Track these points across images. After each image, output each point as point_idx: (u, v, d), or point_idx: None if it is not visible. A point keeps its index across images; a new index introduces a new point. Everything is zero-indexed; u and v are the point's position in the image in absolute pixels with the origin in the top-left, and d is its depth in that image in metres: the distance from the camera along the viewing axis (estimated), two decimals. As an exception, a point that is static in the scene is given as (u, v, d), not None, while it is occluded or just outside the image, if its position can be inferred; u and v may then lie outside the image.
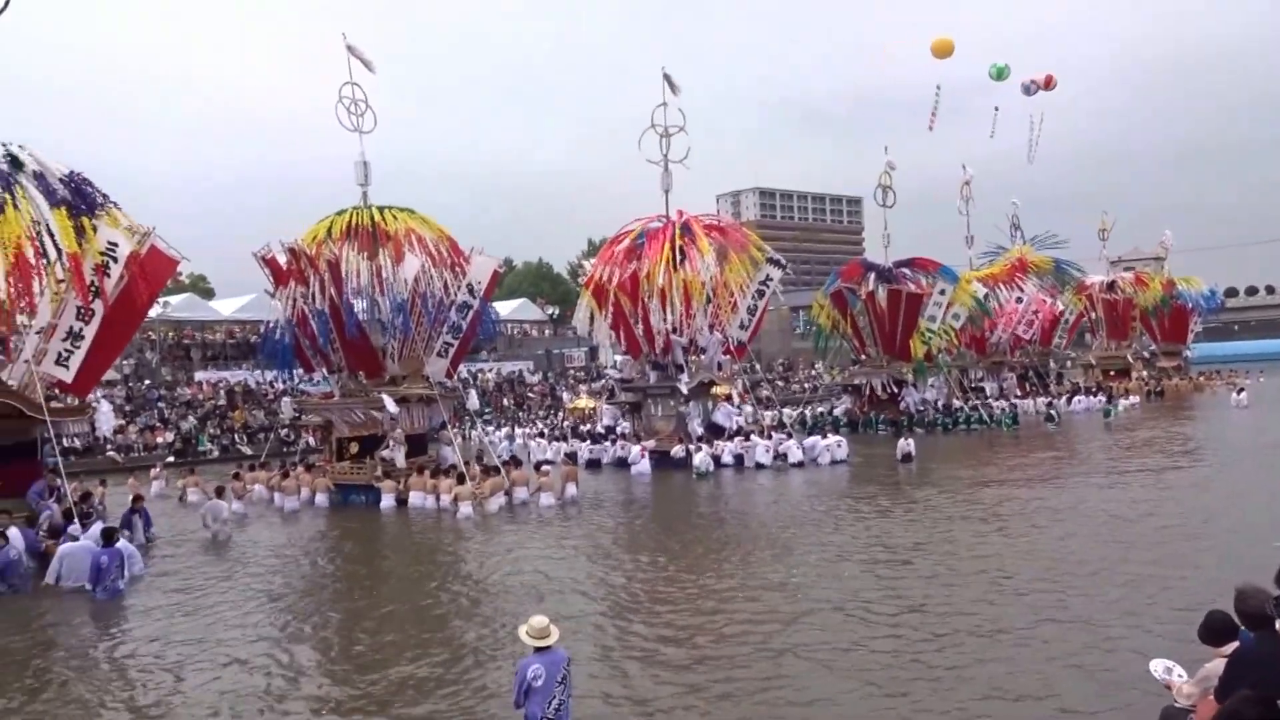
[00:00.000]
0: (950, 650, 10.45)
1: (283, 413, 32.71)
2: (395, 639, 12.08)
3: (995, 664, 9.99)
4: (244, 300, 57.34)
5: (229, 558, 18.29)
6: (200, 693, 10.26)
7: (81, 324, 18.88)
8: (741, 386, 40.92)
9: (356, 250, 25.27)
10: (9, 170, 18.01)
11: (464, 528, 20.87)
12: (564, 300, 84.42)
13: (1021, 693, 9.17)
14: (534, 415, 52.76)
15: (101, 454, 37.35)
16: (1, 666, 11.69)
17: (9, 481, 18.10)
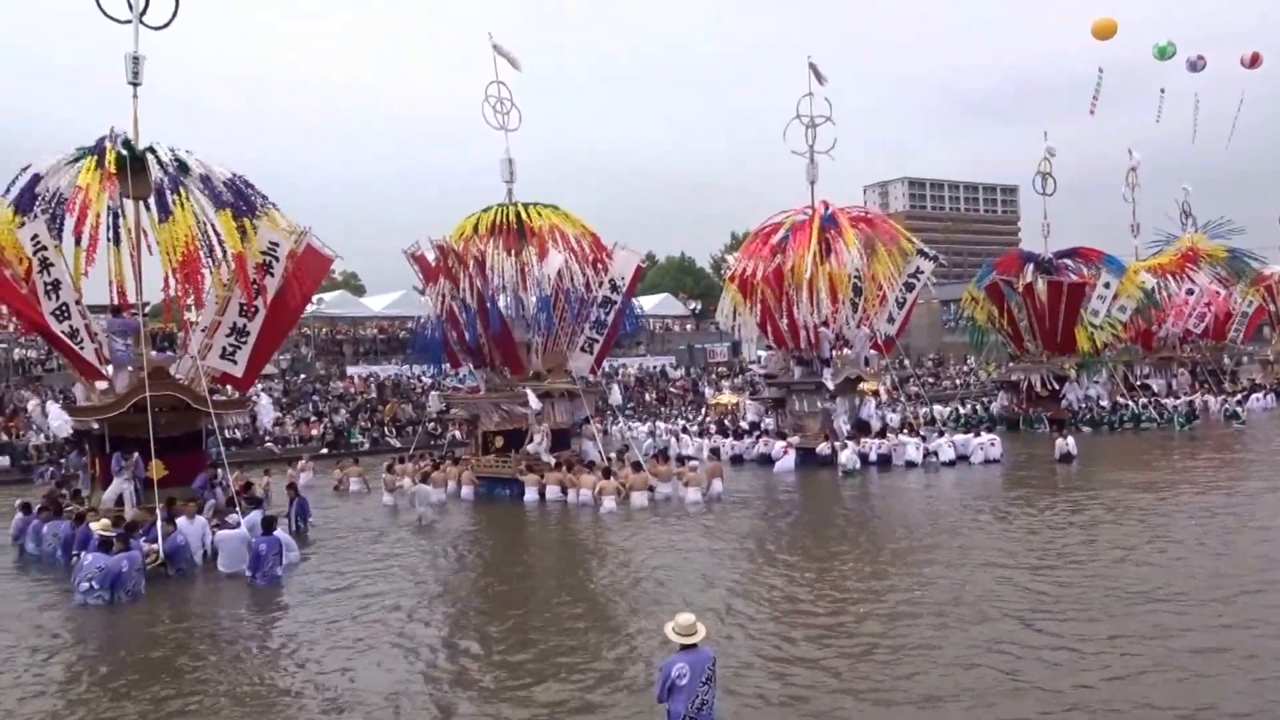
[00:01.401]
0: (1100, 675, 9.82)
1: (430, 407, 33.51)
2: (538, 631, 12.17)
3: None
4: (393, 296, 59.10)
5: (379, 549, 18.75)
6: (356, 678, 10.50)
7: (245, 320, 19.65)
8: (889, 382, 40.07)
9: (501, 247, 25.68)
10: (177, 174, 18.85)
11: (607, 523, 20.95)
12: (706, 295, 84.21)
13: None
14: (676, 411, 52.77)
15: (260, 445, 38.95)
16: (162, 652, 12.15)
17: (177, 471, 18.91)
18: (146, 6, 19.56)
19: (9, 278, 18.72)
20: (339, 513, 23.87)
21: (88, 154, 18.85)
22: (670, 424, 44.19)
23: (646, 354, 64.92)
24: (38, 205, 18.73)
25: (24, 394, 39.35)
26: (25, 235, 18.32)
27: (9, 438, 37.04)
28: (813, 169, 33.00)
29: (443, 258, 25.43)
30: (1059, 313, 39.76)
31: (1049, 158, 43.10)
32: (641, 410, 52.13)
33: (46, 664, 11.74)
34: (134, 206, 19.20)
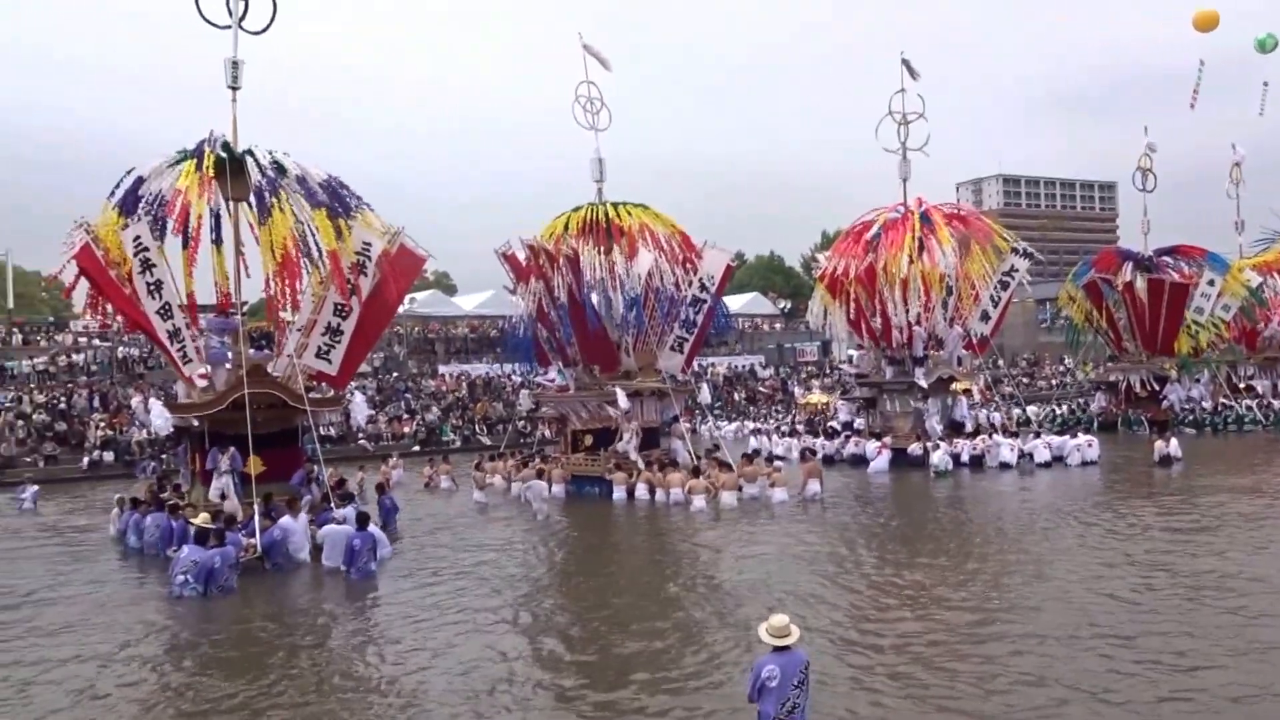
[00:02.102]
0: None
1: (521, 405, 33.74)
2: (626, 631, 12.07)
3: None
4: (484, 296, 59.73)
5: (467, 545, 18.83)
6: (440, 675, 10.50)
7: (340, 320, 19.91)
8: (983, 382, 39.27)
9: (591, 246, 25.68)
10: (275, 176, 19.16)
11: (697, 522, 20.79)
12: (796, 294, 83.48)
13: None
14: (765, 410, 52.41)
15: (353, 442, 39.62)
16: (253, 644, 12.34)
17: (274, 467, 19.21)
18: (246, 12, 19.93)
19: (114, 278, 19.26)
20: (429, 509, 24.11)
21: (188, 157, 19.28)
22: (759, 424, 43.96)
23: (740, 353, 64.61)
24: (141, 207, 19.19)
25: (128, 391, 40.64)
26: (127, 237, 18.81)
27: (114, 434, 38.27)
28: (905, 166, 32.57)
29: (534, 257, 25.53)
30: (1160, 312, 38.69)
31: (1149, 153, 41.87)
32: (730, 409, 51.90)
33: (142, 653, 11.96)
34: (234, 208, 19.61)
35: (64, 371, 44.66)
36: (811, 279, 40.39)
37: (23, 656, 11.81)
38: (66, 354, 46.46)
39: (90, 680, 10.72)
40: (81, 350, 47.18)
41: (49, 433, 38.19)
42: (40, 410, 39.51)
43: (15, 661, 11.59)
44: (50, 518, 25.35)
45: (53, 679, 10.81)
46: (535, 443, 33.98)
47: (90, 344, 48.25)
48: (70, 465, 36.50)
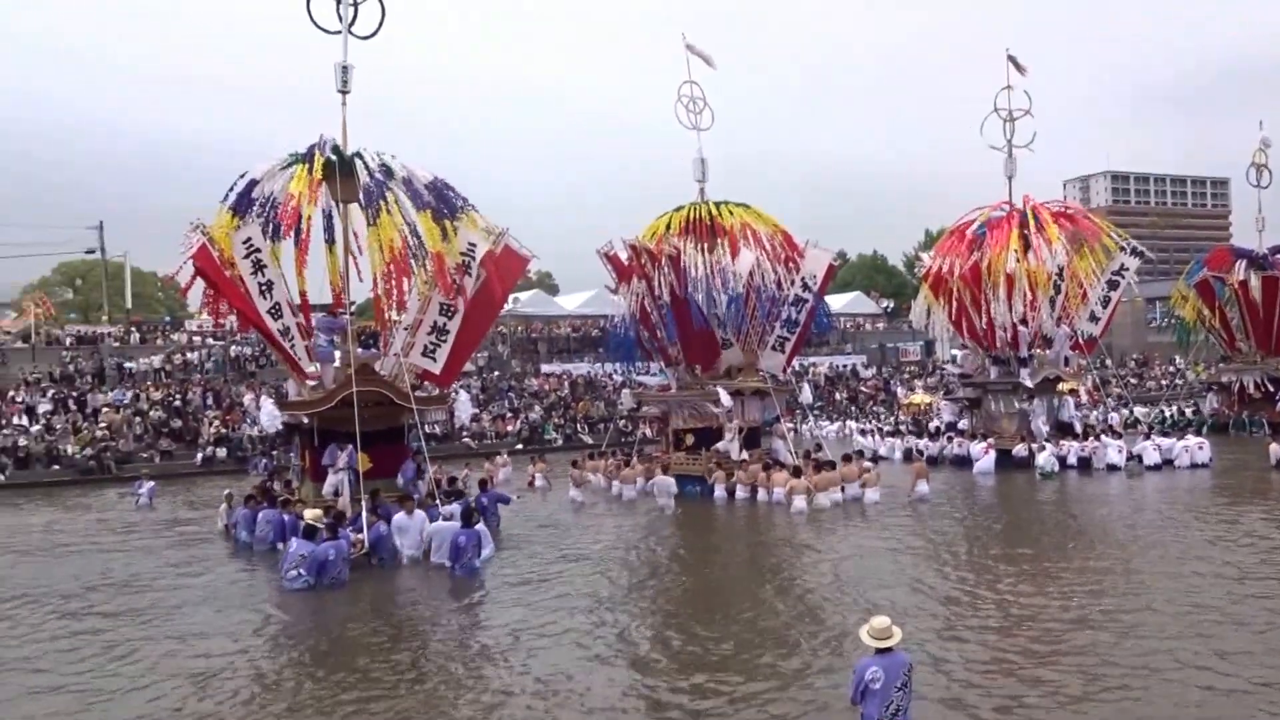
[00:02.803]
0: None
1: (622, 404, 33.78)
2: (727, 631, 11.94)
3: None
4: (586, 295, 60.16)
5: (567, 544, 18.87)
6: (538, 672, 10.50)
7: (445, 319, 20.16)
8: (1090, 383, 38.17)
9: (693, 245, 25.59)
10: (383, 179, 19.47)
11: (798, 522, 20.56)
12: (899, 293, 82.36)
13: None
14: (866, 410, 51.76)
15: (457, 440, 40.18)
16: (359, 639, 12.48)
17: (381, 464, 19.53)
18: (355, 17, 20.30)
19: (230, 278, 19.77)
20: (528, 507, 24.24)
21: (299, 160, 19.69)
22: (863, 424, 43.45)
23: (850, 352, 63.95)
24: (253, 210, 19.66)
25: (240, 389, 41.87)
26: (238, 239, 19.27)
27: (227, 430, 39.45)
28: (1011, 164, 32.05)
29: (635, 257, 25.55)
30: (1275, 311, 37.27)
31: (1264, 148, 40.34)
32: (832, 410, 51.36)
33: (249, 645, 12.22)
34: (343, 210, 20.00)
35: (180, 370, 46.23)
36: (914, 278, 39.81)
37: (135, 647, 12.13)
38: (182, 352, 48.10)
39: (198, 671, 10.97)
40: (196, 349, 48.81)
41: (165, 429, 39.56)
42: (157, 407, 40.94)
43: (131, 653, 11.91)
44: (165, 512, 26.14)
45: (163, 670, 11.07)
46: (636, 442, 33.95)
47: (204, 343, 49.91)
48: (185, 461, 37.74)
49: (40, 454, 36.09)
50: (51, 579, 16.65)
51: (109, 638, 12.63)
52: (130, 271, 67.98)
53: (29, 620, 13.75)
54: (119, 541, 21.26)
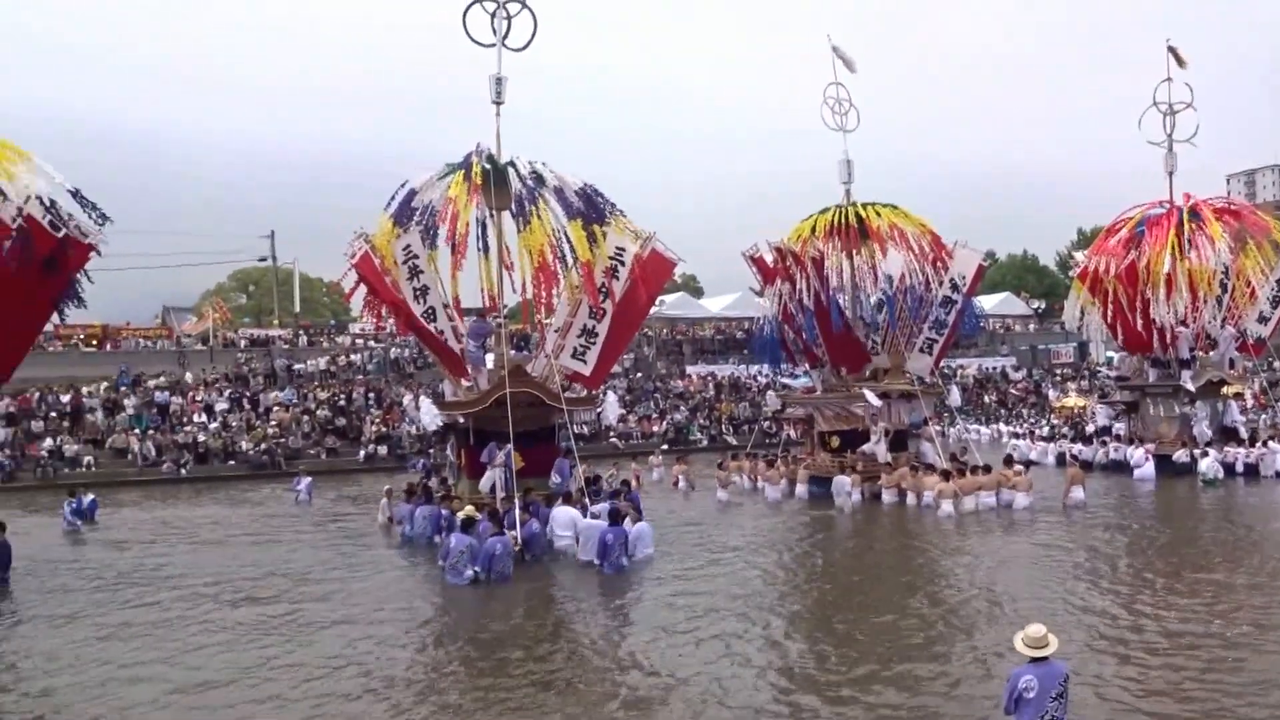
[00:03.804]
0: None
1: (767, 405, 33.87)
2: (874, 636, 11.90)
3: None
4: (731, 298, 60.29)
5: (712, 545, 18.99)
6: (683, 674, 10.56)
7: (594, 322, 20.67)
8: (1258, 386, 36.31)
9: (839, 247, 25.52)
10: (534, 186, 20.12)
11: (946, 527, 20.32)
12: (1050, 293, 79.67)
13: None
14: (1017, 413, 50.40)
15: (605, 440, 40.88)
16: (508, 633, 12.81)
17: (532, 463, 20.11)
18: (509, 31, 21.03)
19: (389, 284, 20.73)
20: (671, 507, 24.55)
21: (456, 169, 20.51)
22: (1014, 427, 42.38)
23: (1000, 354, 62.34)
24: (413, 219, 20.54)
25: (399, 390, 43.50)
26: (398, 246, 20.17)
27: (387, 429, 41.12)
28: (1171, 159, 30.83)
29: (780, 259, 25.64)
30: None
31: None
32: (981, 412, 50.21)
33: (405, 637, 12.70)
34: (497, 217, 20.74)
35: (343, 371, 48.37)
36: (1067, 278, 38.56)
37: (295, 636, 12.75)
38: (346, 355, 50.38)
39: (357, 661, 11.44)
40: (359, 351, 51.03)
41: (330, 427, 41.47)
42: (323, 406, 42.97)
43: (286, 641, 12.52)
44: (326, 507, 27.26)
45: (323, 660, 11.53)
46: (781, 443, 33.98)
47: (366, 345, 52.10)
48: (349, 457, 39.49)
49: (217, 450, 38.34)
50: (222, 569, 17.60)
51: (270, 626, 13.30)
52: (299, 278, 71.53)
53: (200, 609, 14.47)
54: (285, 534, 22.32)
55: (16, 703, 10.40)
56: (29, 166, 16.32)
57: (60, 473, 34.97)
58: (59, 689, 10.71)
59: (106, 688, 10.65)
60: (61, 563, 18.86)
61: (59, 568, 18.24)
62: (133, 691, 10.48)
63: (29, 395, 39.48)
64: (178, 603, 14.79)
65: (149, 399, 41.34)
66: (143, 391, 42.14)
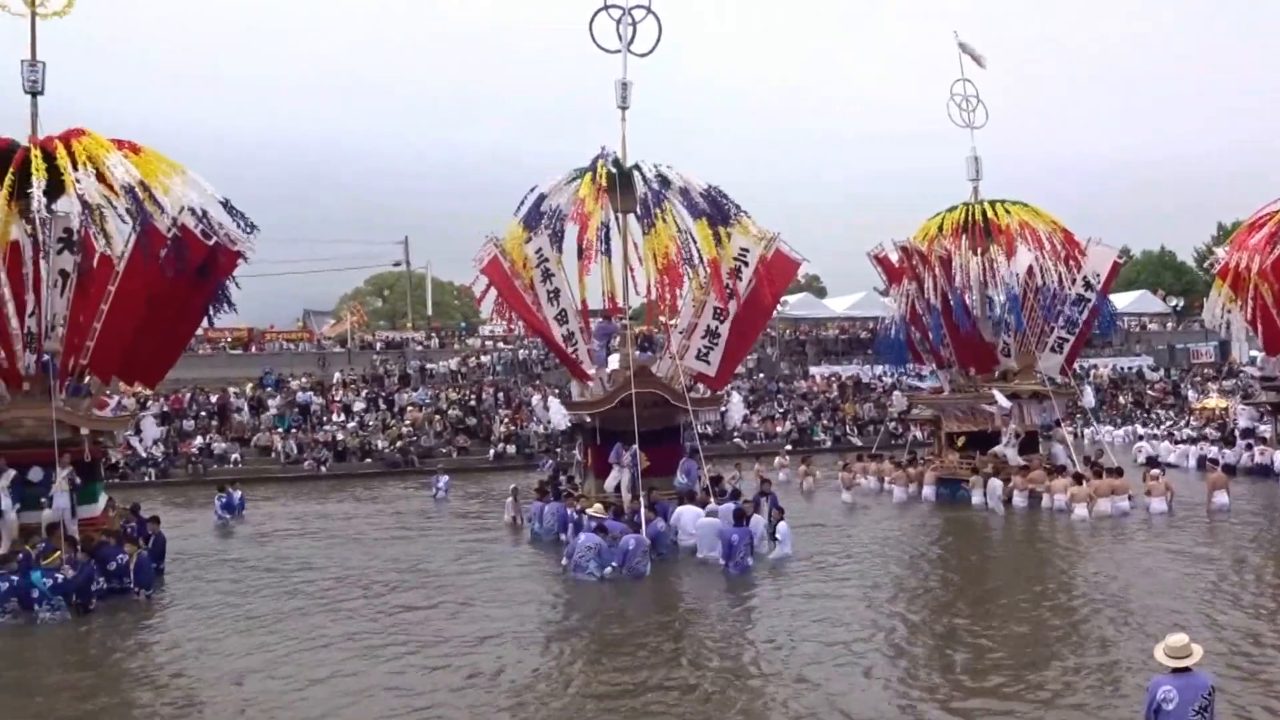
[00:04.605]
0: None
1: (892, 406, 33.50)
2: (1004, 645, 11.68)
3: None
4: (855, 298, 59.66)
5: (837, 547, 18.89)
6: (813, 679, 10.51)
7: (718, 323, 20.83)
8: None
9: (967, 246, 25.13)
10: (659, 188, 20.40)
11: (1077, 531, 19.85)
12: (1188, 290, 76.35)
13: None
14: (1154, 415, 48.61)
15: (728, 441, 40.93)
16: (642, 634, 12.96)
17: (658, 463, 20.38)
18: (634, 36, 21.37)
19: (518, 287, 21.28)
20: (800, 509, 24.46)
21: (584, 173, 20.93)
22: (1153, 429, 40.96)
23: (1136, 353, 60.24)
24: (542, 222, 21.03)
25: (527, 390, 44.35)
26: (530, 249, 20.71)
27: (515, 429, 42.00)
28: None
29: (906, 258, 25.38)
30: None
31: None
32: (1116, 414, 48.61)
33: (535, 630, 13.09)
34: (622, 219, 21.10)
35: (473, 371, 49.61)
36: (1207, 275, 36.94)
37: (423, 630, 13.18)
38: (476, 356, 51.67)
39: (483, 655, 11.78)
40: (488, 352, 52.28)
41: (461, 426, 42.56)
42: (454, 406, 44.15)
43: (413, 635, 12.95)
44: (456, 504, 28.02)
45: (448, 654, 11.90)
46: (907, 444, 33.53)
47: (495, 347, 53.33)
48: (479, 456, 40.44)
49: (355, 448, 39.76)
50: (358, 563, 18.33)
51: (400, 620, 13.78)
52: (431, 282, 73.66)
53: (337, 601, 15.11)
54: (419, 530, 23.02)
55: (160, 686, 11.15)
56: (183, 179, 17.22)
57: (209, 469, 36.74)
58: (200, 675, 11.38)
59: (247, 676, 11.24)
60: (211, 555, 19.90)
61: (209, 559, 19.28)
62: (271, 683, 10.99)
63: (181, 395, 41.68)
64: (316, 595, 15.52)
65: (291, 399, 43.15)
66: (285, 392, 44.01)
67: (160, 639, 13.25)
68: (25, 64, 17.55)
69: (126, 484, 32.46)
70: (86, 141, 16.59)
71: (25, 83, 17.55)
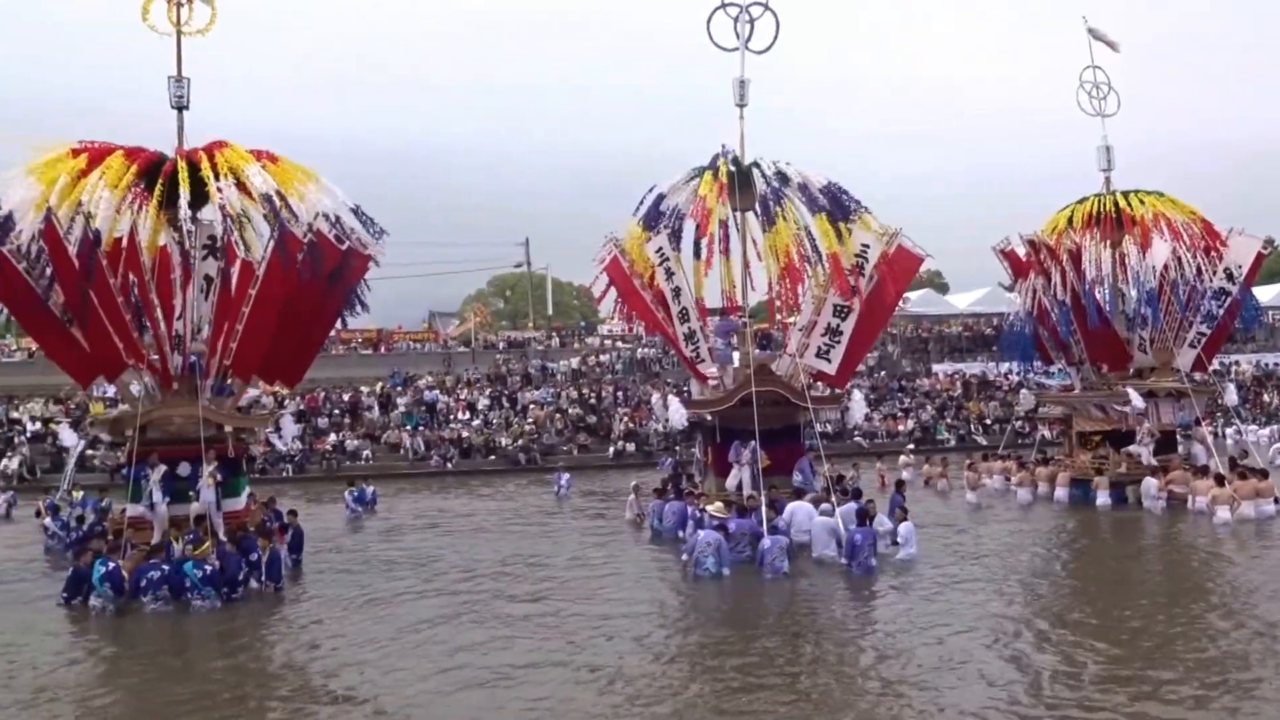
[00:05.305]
0: None
1: (1019, 404, 32.64)
2: (1131, 657, 11.17)
3: None
4: (978, 294, 58.36)
5: (964, 549, 18.57)
6: (936, 686, 10.33)
7: (839, 320, 20.66)
8: None
9: (1098, 238, 24.36)
10: (779, 185, 20.35)
11: (1220, 535, 19.10)
12: (1345, 280, 72.36)
13: None
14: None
15: (849, 439, 40.49)
16: (762, 633, 12.93)
17: (777, 461, 20.30)
18: (751, 34, 21.36)
19: (637, 286, 21.48)
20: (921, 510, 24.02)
21: (703, 172, 21.01)
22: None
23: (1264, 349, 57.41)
24: (662, 221, 21.19)
25: (646, 388, 44.64)
26: (651, 248, 20.89)
27: (635, 426, 42.32)
28: None
29: (1034, 252, 24.75)
30: None
31: None
32: (1261, 412, 46.45)
33: (655, 629, 13.15)
34: (740, 217, 21.11)
35: (593, 370, 50.19)
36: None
37: (546, 623, 13.40)
38: (595, 355, 52.28)
39: (603, 651, 11.94)
40: (607, 351, 52.81)
41: (581, 424, 43.11)
42: (574, 405, 44.75)
43: (537, 628, 13.19)
44: (577, 502, 28.38)
45: (569, 649, 12.07)
46: (1035, 444, 32.62)
47: (614, 346, 53.83)
48: (599, 454, 40.90)
49: (479, 445, 40.65)
50: (483, 557, 18.78)
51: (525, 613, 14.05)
52: (551, 282, 74.76)
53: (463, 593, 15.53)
54: (542, 526, 23.39)
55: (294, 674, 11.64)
56: (317, 186, 17.92)
57: (342, 465, 38.01)
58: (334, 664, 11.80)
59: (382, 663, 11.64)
60: (345, 548, 20.63)
61: (343, 552, 20.01)
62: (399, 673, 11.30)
63: (315, 394, 43.27)
64: (444, 588, 15.95)
65: (418, 397, 44.37)
66: (413, 390, 45.26)
67: (301, 629, 13.76)
68: (172, 80, 18.51)
69: (265, 479, 33.78)
70: (228, 153, 17.43)
71: (172, 98, 18.52)
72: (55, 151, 17.14)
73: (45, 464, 36.40)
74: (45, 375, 37.89)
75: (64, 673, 11.68)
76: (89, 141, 17.50)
